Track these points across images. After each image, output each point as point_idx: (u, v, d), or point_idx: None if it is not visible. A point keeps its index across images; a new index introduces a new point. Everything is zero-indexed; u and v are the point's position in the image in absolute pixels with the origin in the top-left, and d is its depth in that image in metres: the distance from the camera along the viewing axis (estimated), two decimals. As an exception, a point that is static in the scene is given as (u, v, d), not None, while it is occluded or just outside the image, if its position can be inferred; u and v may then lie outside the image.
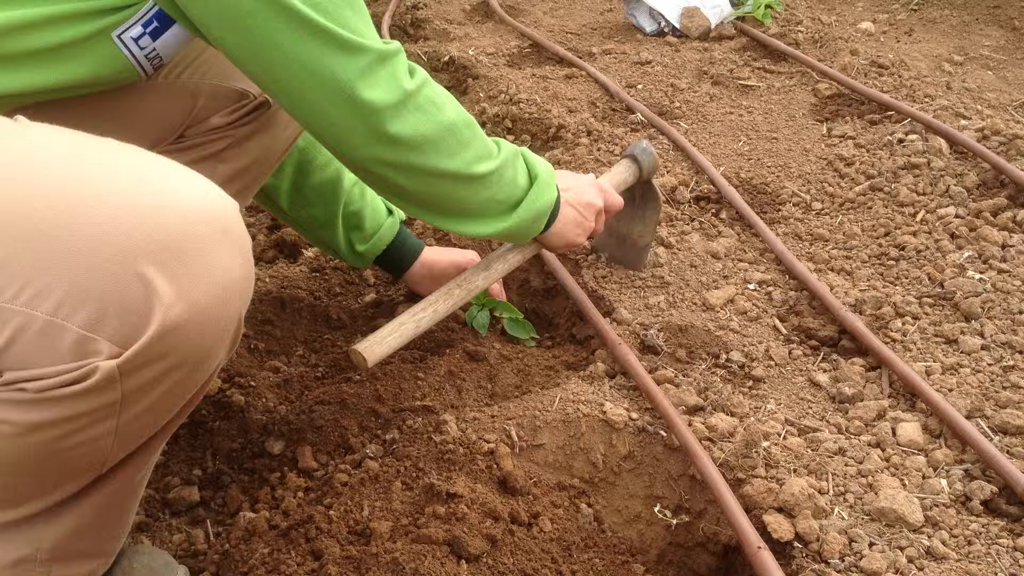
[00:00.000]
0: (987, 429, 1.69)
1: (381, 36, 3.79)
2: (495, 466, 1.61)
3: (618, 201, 1.90)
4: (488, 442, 1.64)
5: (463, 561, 1.42)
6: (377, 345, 1.61)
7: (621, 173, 2.02)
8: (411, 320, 1.67)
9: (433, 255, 2.07)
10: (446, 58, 3.52)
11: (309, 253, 2.35)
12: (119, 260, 0.96)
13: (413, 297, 2.12)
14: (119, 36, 1.25)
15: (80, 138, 1.07)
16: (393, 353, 1.68)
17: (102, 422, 1.06)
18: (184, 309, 1.00)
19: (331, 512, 1.52)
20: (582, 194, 1.79)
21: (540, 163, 1.69)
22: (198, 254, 1.01)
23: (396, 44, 1.37)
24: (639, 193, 2.09)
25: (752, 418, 1.72)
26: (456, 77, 3.44)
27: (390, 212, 2.01)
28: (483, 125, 2.92)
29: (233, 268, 1.06)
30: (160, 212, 1.00)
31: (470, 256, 2.08)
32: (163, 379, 1.05)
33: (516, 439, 1.67)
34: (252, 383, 1.88)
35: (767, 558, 1.37)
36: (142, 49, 1.28)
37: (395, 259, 2.03)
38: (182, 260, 1.00)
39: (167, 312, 0.99)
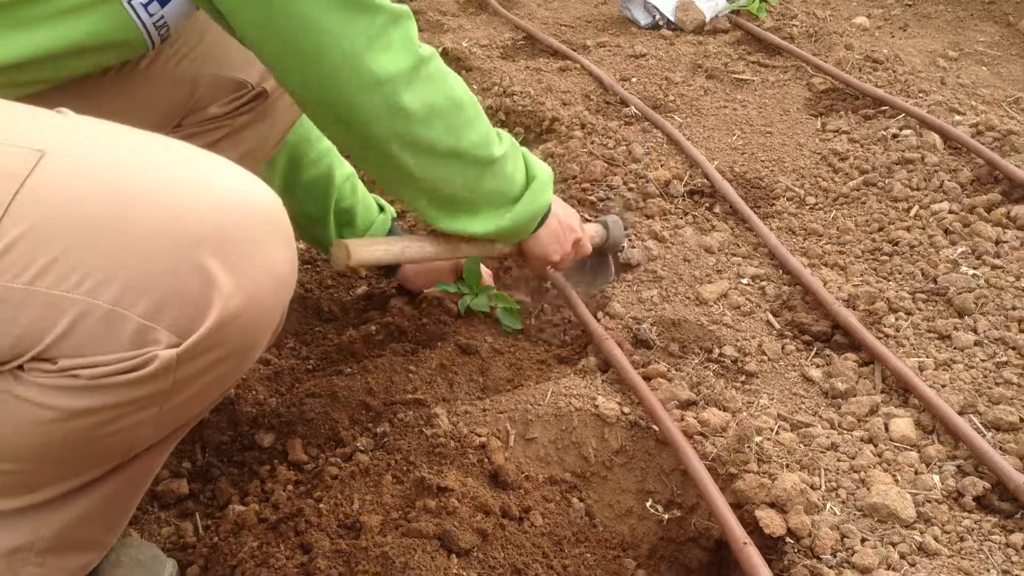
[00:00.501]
0: (980, 425, 1.68)
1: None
2: (486, 460, 1.60)
3: (585, 251, 1.92)
4: (479, 436, 1.64)
5: (453, 555, 1.41)
6: (364, 248, 1.65)
7: (592, 230, 2.02)
8: (399, 244, 1.72)
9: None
10: (440, 50, 3.50)
11: (301, 245, 2.34)
12: (179, 251, 0.98)
13: (404, 292, 2.12)
14: (129, 1, 1.25)
15: (129, 132, 1.08)
16: (372, 267, 1.81)
17: (146, 409, 1.07)
18: (242, 300, 1.02)
19: (321, 505, 1.51)
20: (566, 216, 1.80)
21: (539, 163, 1.69)
22: (253, 246, 1.03)
23: (406, 7, 1.36)
24: (596, 255, 2.07)
25: (745, 413, 1.71)
26: (452, 68, 3.42)
27: (381, 209, 2.00)
28: (476, 117, 2.91)
29: (283, 260, 1.08)
30: (217, 205, 1.02)
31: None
32: (212, 368, 1.06)
33: (508, 433, 1.66)
34: (242, 376, 1.87)
35: (753, 554, 1.36)
36: (151, 16, 1.29)
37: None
38: (240, 252, 1.01)
39: (226, 303, 1.00)
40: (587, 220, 2.18)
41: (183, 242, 0.98)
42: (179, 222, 0.99)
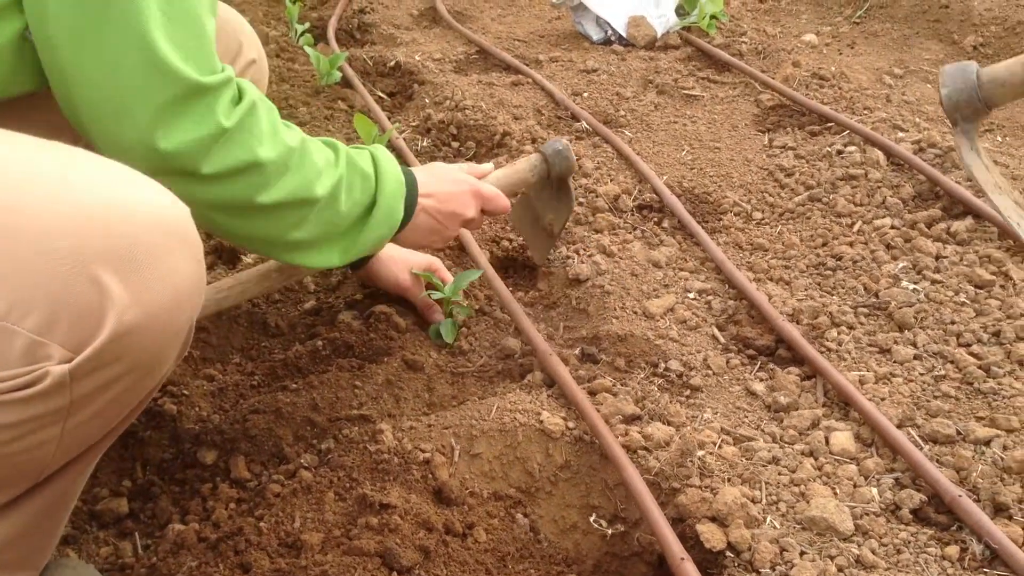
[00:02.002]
0: (918, 438, 1.71)
1: (327, 40, 3.74)
2: (430, 476, 1.60)
3: (501, 205, 1.81)
4: (424, 452, 1.63)
5: (395, 573, 1.41)
6: None
7: (522, 172, 1.94)
8: (237, 287, 1.68)
9: (394, 248, 2.04)
10: (392, 63, 3.50)
11: (248, 259, 2.32)
12: (72, 264, 0.96)
13: (352, 305, 2.11)
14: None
15: (31, 142, 1.06)
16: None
17: (48, 428, 1.05)
18: (138, 313, 1.00)
19: (262, 524, 1.50)
20: (448, 203, 1.71)
21: (389, 175, 1.58)
22: (152, 258, 1.01)
23: (225, 75, 1.28)
24: (555, 187, 2.04)
25: (688, 427, 1.72)
26: (402, 83, 3.42)
27: None
28: (428, 132, 2.92)
29: (187, 273, 1.06)
30: (114, 216, 0.99)
31: (429, 256, 2.07)
32: (113, 384, 1.04)
33: (452, 448, 1.66)
34: (185, 391, 1.85)
35: (690, 569, 1.37)
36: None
37: None
38: (136, 264, 0.99)
39: (121, 316, 0.98)
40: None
41: (76, 255, 0.96)
42: (72, 235, 0.97)
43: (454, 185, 1.73)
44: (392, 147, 2.80)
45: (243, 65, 1.67)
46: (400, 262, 2.02)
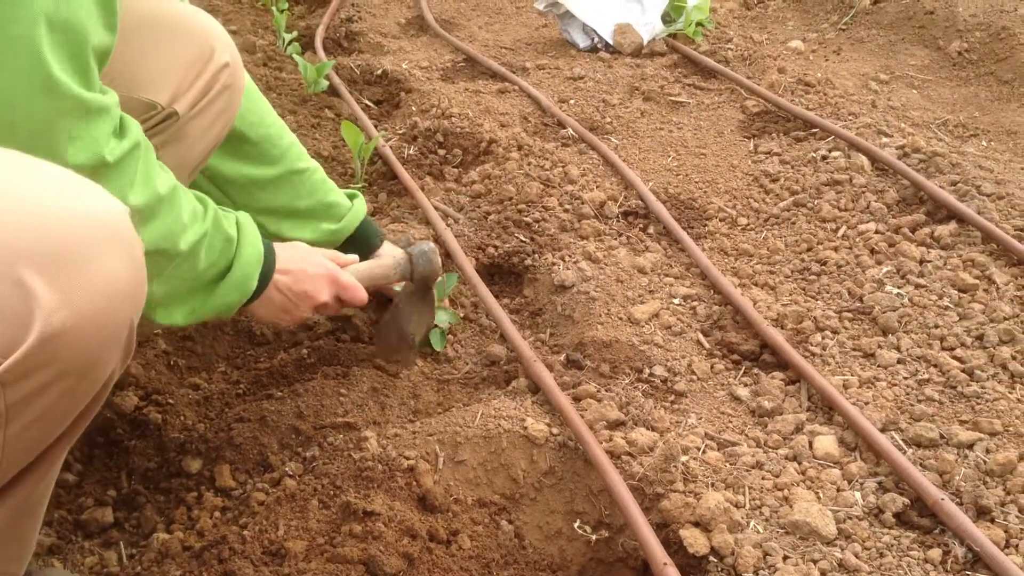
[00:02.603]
0: (901, 442, 1.72)
1: (315, 49, 3.74)
2: (415, 483, 1.60)
3: (358, 296, 1.75)
4: (408, 459, 1.63)
5: (379, 580, 1.40)
6: None
7: (385, 267, 1.86)
8: None
9: (395, 248, 2.04)
10: (379, 71, 3.51)
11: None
12: None
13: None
14: None
15: None
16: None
17: None
18: (67, 315, 0.97)
19: (245, 532, 1.50)
20: (302, 283, 1.66)
21: (249, 242, 1.53)
22: (81, 258, 0.98)
23: (107, 100, 1.25)
24: (418, 291, 1.92)
25: (672, 432, 1.73)
26: (389, 91, 3.43)
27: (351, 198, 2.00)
28: (414, 139, 2.92)
29: (121, 273, 1.03)
30: (39, 216, 0.97)
31: None
32: (49, 389, 1.01)
33: (437, 456, 1.66)
34: (170, 400, 1.85)
35: (673, 574, 1.37)
36: None
37: (365, 238, 2.00)
38: (63, 265, 0.97)
39: (48, 319, 0.95)
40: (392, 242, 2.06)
41: (1, 258, 0.93)
42: None
43: (312, 267, 1.69)
44: (379, 155, 2.80)
45: (215, 69, 1.64)
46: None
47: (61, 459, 1.22)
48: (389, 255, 1.91)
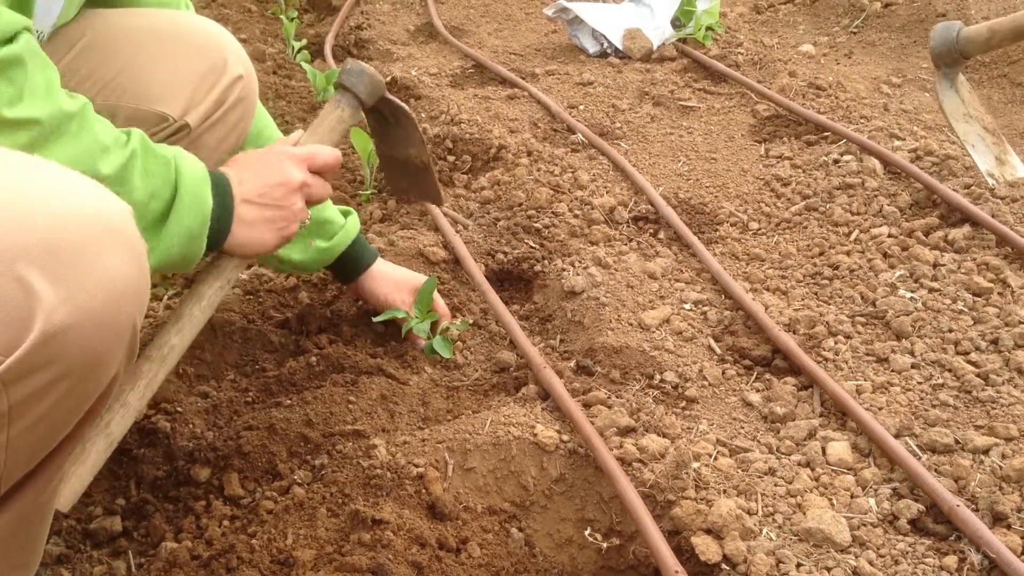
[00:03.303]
0: (915, 448, 1.70)
1: (324, 57, 3.74)
2: (424, 491, 1.59)
3: (329, 157, 1.61)
4: (417, 466, 1.62)
5: (387, 589, 1.39)
6: (64, 484, 1.21)
7: (331, 113, 1.69)
8: (102, 434, 1.29)
9: (388, 267, 2.05)
10: (388, 78, 3.50)
11: (244, 275, 2.31)
12: None
13: (343, 320, 2.10)
14: None
15: None
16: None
17: None
18: (69, 312, 0.96)
19: (254, 541, 1.49)
20: (266, 179, 1.51)
21: (187, 162, 1.41)
22: (83, 256, 0.98)
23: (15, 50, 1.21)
24: (387, 112, 1.78)
25: (684, 439, 1.71)
26: (398, 97, 3.41)
27: (345, 216, 1.98)
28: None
29: (123, 270, 1.02)
30: (41, 213, 0.96)
31: (423, 277, 2.05)
32: (52, 388, 1.00)
33: (446, 463, 1.65)
34: (179, 409, 1.84)
35: (685, 583, 1.36)
36: None
37: (354, 259, 1.99)
38: (65, 262, 0.96)
39: (49, 316, 0.94)
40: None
41: (1, 255, 0.92)
42: None
43: (266, 158, 1.55)
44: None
45: (229, 81, 1.64)
46: (389, 280, 2.02)
47: (63, 468, 1.21)
48: (326, 105, 1.72)
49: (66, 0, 1.44)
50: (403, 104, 1.79)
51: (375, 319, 2.01)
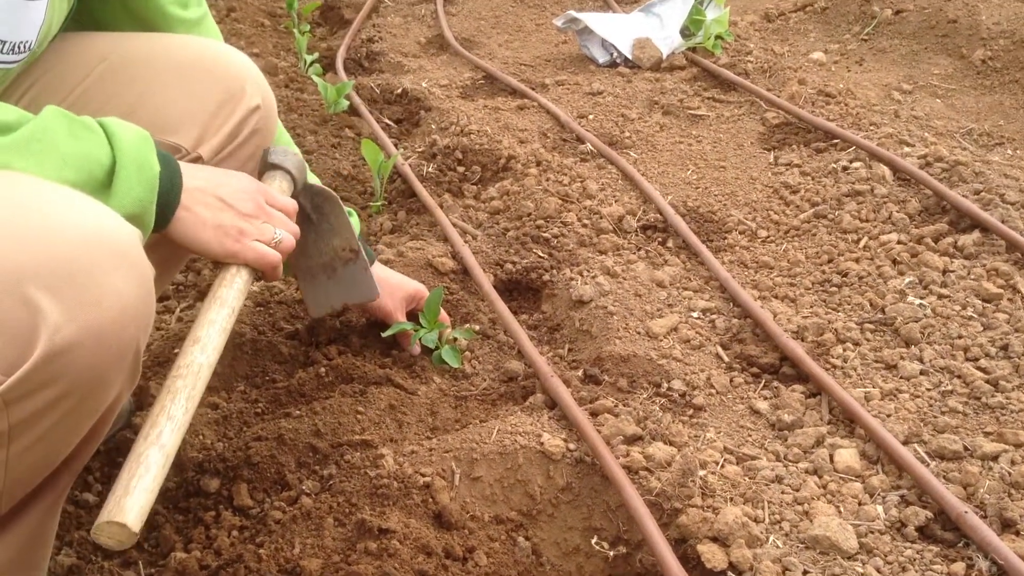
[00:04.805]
0: (924, 455, 1.69)
1: (335, 70, 3.75)
2: (431, 500, 1.59)
3: (287, 201, 1.50)
4: (424, 476, 1.63)
5: (393, 598, 1.40)
6: (127, 498, 1.05)
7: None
8: (155, 446, 1.11)
9: (384, 271, 2.04)
10: (399, 90, 3.53)
11: (255, 287, 2.33)
12: (2, 284, 0.94)
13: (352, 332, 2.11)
14: None
15: None
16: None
17: None
18: (73, 332, 0.97)
19: (261, 551, 1.50)
20: (222, 177, 1.38)
21: (120, 127, 1.24)
22: (88, 276, 0.99)
23: None
24: (308, 206, 1.70)
25: (691, 447, 1.71)
26: (409, 109, 3.44)
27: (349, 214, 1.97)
28: (433, 157, 2.92)
29: (128, 292, 1.03)
30: (48, 235, 0.98)
31: (417, 284, 2.06)
32: (53, 408, 1.01)
33: (453, 472, 1.65)
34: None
35: (690, 590, 1.36)
36: None
37: None
38: (71, 282, 0.97)
39: (53, 335, 0.96)
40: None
41: (7, 273, 0.94)
42: (4, 253, 0.95)
43: (218, 169, 1.45)
44: (398, 173, 2.81)
45: (245, 112, 1.57)
46: (386, 286, 2.00)
47: (67, 489, 1.22)
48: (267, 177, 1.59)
49: (48, 8, 1.33)
50: (325, 187, 1.73)
51: (383, 334, 2.02)
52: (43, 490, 1.16)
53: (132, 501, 1.03)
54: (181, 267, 2.20)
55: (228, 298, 1.35)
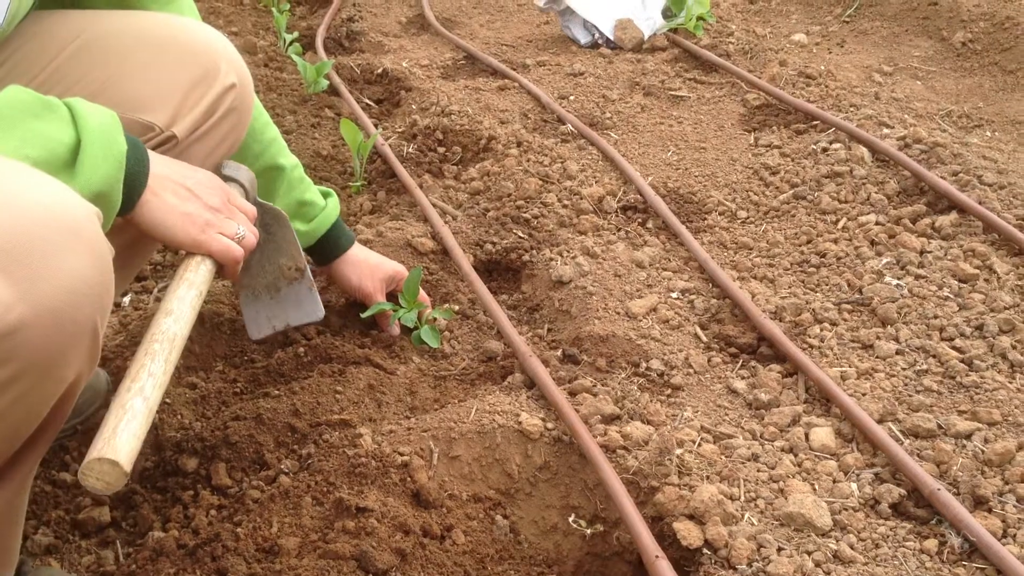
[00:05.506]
0: (898, 433, 1.71)
1: (315, 49, 3.73)
2: (409, 479, 1.60)
3: (249, 206, 1.51)
4: (402, 455, 1.63)
5: (371, 576, 1.40)
6: (115, 439, 1.06)
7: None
8: (138, 396, 1.12)
9: (363, 252, 2.03)
10: (379, 70, 3.51)
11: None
12: None
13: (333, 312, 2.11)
14: None
15: None
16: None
17: None
18: (25, 311, 0.95)
19: (239, 530, 1.50)
20: (191, 176, 1.37)
21: (84, 107, 1.22)
22: (41, 254, 0.97)
23: None
24: (257, 221, 1.60)
25: (668, 426, 1.72)
26: (389, 89, 3.43)
27: (325, 197, 1.97)
28: (413, 137, 2.91)
29: (83, 271, 1.01)
30: (1, 213, 0.95)
31: (397, 265, 2.05)
32: (8, 387, 0.99)
33: (431, 451, 1.66)
34: (167, 400, 1.85)
35: (664, 567, 1.37)
36: None
37: (332, 242, 1.97)
38: (22, 260, 0.95)
39: (5, 314, 0.94)
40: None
41: None
42: None
43: (189, 168, 1.42)
44: (378, 153, 2.80)
45: (220, 90, 1.53)
46: (363, 266, 2.00)
47: (33, 469, 1.20)
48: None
49: None
50: (274, 206, 1.73)
51: (363, 315, 2.02)
52: (7, 471, 1.14)
53: (121, 441, 1.04)
54: (146, 261, 2.18)
55: (196, 281, 1.34)
